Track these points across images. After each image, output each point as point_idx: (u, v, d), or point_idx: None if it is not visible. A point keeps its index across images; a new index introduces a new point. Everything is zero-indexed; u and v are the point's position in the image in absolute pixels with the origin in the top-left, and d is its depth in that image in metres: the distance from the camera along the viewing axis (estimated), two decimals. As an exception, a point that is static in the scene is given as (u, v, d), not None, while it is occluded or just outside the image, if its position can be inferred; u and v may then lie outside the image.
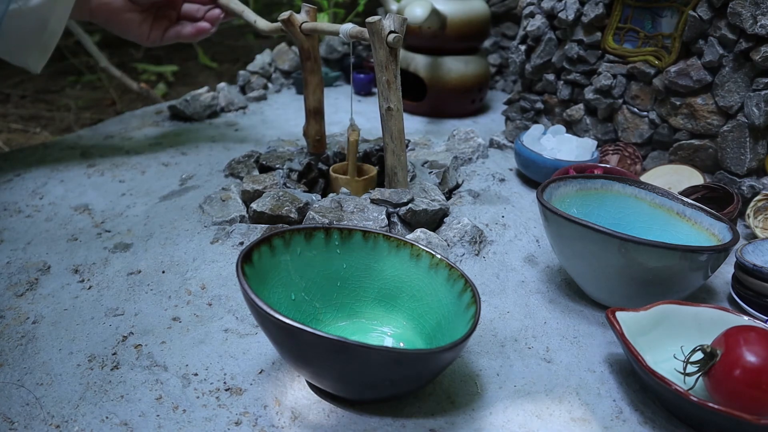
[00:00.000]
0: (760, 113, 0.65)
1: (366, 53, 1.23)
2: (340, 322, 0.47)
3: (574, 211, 0.55)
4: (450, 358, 0.38)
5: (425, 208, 0.60)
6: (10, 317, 0.49)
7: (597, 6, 0.77)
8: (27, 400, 0.40)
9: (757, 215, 0.65)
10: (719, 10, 0.67)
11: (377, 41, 0.59)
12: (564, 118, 0.84)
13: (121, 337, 0.46)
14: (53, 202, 0.68)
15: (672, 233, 0.55)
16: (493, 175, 0.76)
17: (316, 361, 0.37)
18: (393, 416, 0.40)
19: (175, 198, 0.68)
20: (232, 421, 0.39)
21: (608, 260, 0.48)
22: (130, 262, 0.56)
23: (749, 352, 0.38)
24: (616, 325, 0.43)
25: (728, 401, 0.38)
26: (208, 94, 0.99)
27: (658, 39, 0.74)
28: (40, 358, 0.44)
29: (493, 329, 0.50)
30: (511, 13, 1.15)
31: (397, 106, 0.61)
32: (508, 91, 1.19)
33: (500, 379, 0.44)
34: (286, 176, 0.70)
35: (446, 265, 0.45)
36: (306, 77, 0.71)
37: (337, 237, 0.47)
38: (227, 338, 0.47)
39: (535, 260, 0.60)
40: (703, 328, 0.45)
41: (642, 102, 0.76)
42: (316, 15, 0.69)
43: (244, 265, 0.40)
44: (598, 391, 0.43)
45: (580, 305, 0.53)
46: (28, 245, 0.59)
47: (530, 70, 0.86)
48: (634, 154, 0.75)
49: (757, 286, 0.51)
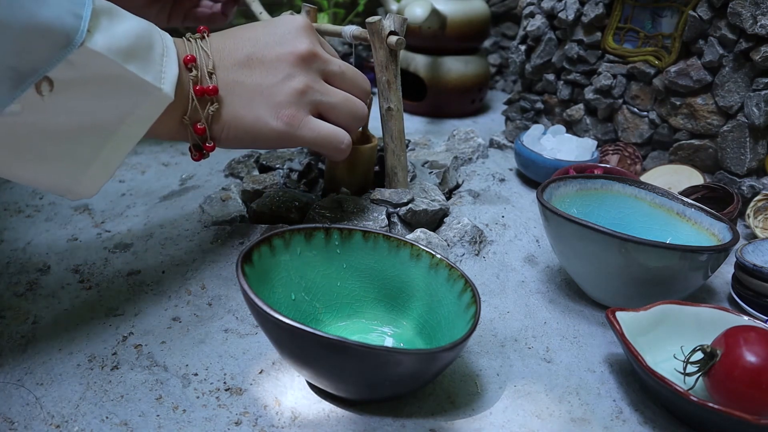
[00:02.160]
0: (760, 113, 0.65)
1: (366, 53, 1.23)
2: (340, 322, 0.47)
3: (574, 211, 0.55)
4: (450, 358, 0.38)
5: (425, 209, 0.60)
6: (10, 317, 0.49)
7: (597, 6, 0.77)
8: (27, 400, 0.40)
9: (757, 215, 0.65)
10: (719, 10, 0.67)
11: (377, 41, 0.59)
12: (564, 118, 0.84)
13: (121, 337, 0.46)
14: (53, 202, 0.68)
15: (672, 233, 0.55)
16: (493, 175, 0.76)
17: (316, 361, 0.37)
18: (393, 416, 0.40)
19: (175, 198, 0.68)
20: (232, 421, 0.39)
21: (608, 260, 0.48)
22: (130, 262, 0.56)
23: (749, 352, 0.38)
24: (616, 325, 0.43)
25: (728, 401, 0.38)
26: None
27: (658, 39, 0.74)
28: (40, 358, 0.44)
29: (493, 329, 0.50)
30: (511, 13, 1.15)
31: (397, 106, 0.61)
32: (508, 91, 1.19)
33: (500, 379, 0.44)
34: (286, 176, 0.70)
35: (446, 265, 0.45)
36: (306, 77, 0.71)
37: (337, 237, 0.47)
38: (227, 338, 0.47)
39: (535, 260, 0.60)
40: (703, 328, 0.45)
41: (642, 102, 0.76)
42: (316, 15, 0.69)
43: (244, 265, 0.40)
44: (598, 391, 0.43)
45: (580, 305, 0.53)
46: (28, 245, 0.59)
47: (530, 70, 0.86)
48: (634, 154, 0.75)
49: (757, 286, 0.51)
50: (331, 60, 0.53)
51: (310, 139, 0.50)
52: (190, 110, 0.46)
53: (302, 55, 0.50)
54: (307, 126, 0.50)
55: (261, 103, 0.48)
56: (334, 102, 0.52)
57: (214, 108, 0.47)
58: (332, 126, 0.52)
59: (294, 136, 0.50)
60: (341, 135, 0.53)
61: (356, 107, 0.54)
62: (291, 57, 0.49)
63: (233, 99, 0.48)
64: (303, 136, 0.50)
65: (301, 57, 0.50)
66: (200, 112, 0.46)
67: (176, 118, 0.46)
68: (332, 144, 0.52)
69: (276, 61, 0.49)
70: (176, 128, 0.47)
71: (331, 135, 0.52)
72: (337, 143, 0.52)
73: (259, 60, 0.49)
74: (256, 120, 0.48)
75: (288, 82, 0.49)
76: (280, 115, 0.49)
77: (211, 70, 0.46)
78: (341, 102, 0.52)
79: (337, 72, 0.53)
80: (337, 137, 0.52)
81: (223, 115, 0.47)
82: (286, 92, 0.49)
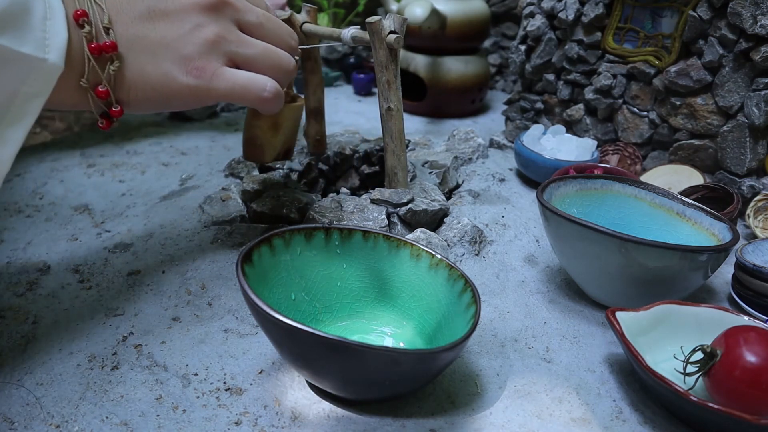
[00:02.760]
0: (760, 113, 0.65)
1: (366, 53, 1.23)
2: (340, 322, 0.47)
3: (574, 211, 0.55)
4: (450, 358, 0.38)
5: (425, 208, 0.60)
6: (10, 317, 0.49)
7: (597, 6, 0.77)
8: (27, 400, 0.40)
9: (757, 215, 0.65)
10: (719, 10, 0.67)
11: (377, 41, 0.59)
12: (564, 118, 0.84)
13: (121, 337, 0.46)
14: (53, 202, 0.68)
15: (672, 233, 0.55)
16: (493, 175, 0.76)
17: (316, 361, 0.37)
18: (393, 416, 0.40)
19: (175, 198, 0.68)
20: (232, 421, 0.39)
21: (608, 260, 0.48)
22: (130, 262, 0.56)
23: (749, 352, 0.38)
24: (616, 325, 0.43)
25: (728, 401, 0.38)
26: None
27: (658, 39, 0.74)
28: (40, 358, 0.44)
29: (493, 329, 0.50)
30: (511, 13, 1.15)
31: (397, 106, 0.61)
32: (508, 91, 1.19)
33: (500, 379, 0.44)
34: (286, 176, 0.70)
35: (446, 265, 0.45)
36: (306, 77, 0.71)
37: (337, 237, 0.47)
38: (227, 338, 0.47)
39: (535, 260, 0.60)
40: (703, 328, 0.45)
41: (642, 102, 0.76)
42: (316, 15, 0.69)
43: (244, 265, 0.40)
44: (598, 391, 0.43)
45: (580, 305, 0.53)
46: (28, 245, 0.59)
47: (530, 70, 0.86)
48: (634, 154, 0.75)
49: (757, 286, 0.51)
50: (249, 8, 0.47)
51: (225, 90, 0.44)
52: (87, 72, 0.40)
53: (211, 3, 0.44)
54: (222, 76, 0.44)
55: (167, 58, 0.43)
56: (252, 54, 0.46)
57: (115, 67, 0.41)
58: (251, 73, 0.46)
59: (207, 89, 0.44)
60: (263, 81, 0.46)
61: (280, 59, 0.48)
62: (198, 5, 0.44)
63: (137, 56, 0.42)
64: (217, 88, 0.44)
65: (210, 5, 0.44)
66: (100, 73, 0.41)
67: (73, 83, 0.40)
68: (253, 92, 0.46)
69: (181, 11, 0.44)
70: (76, 95, 0.41)
71: (251, 82, 0.46)
72: (259, 91, 0.46)
73: (161, 11, 0.43)
74: (164, 76, 0.43)
75: (196, 32, 0.44)
76: (189, 69, 0.43)
77: (108, 25, 0.41)
78: (261, 53, 0.47)
79: (255, 22, 0.47)
80: (258, 84, 0.46)
81: (127, 74, 0.42)
82: (195, 43, 0.44)
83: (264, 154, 0.57)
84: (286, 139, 0.57)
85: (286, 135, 0.57)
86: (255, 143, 0.56)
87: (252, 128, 0.56)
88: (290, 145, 0.58)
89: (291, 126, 0.57)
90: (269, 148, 0.56)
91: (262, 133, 0.55)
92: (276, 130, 0.55)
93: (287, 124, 0.56)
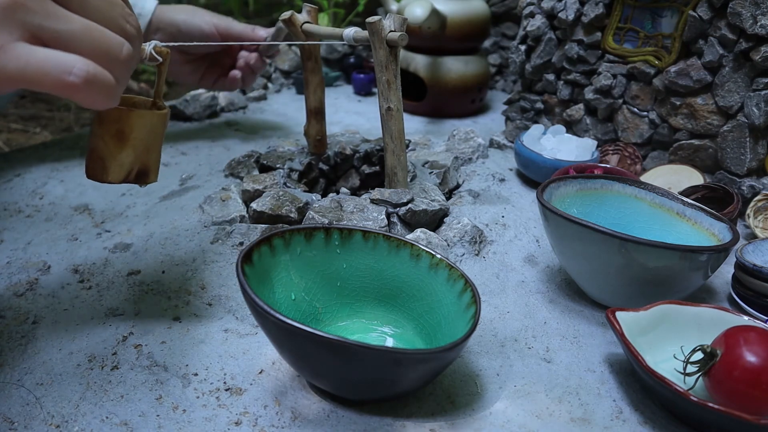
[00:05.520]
0: (760, 113, 0.65)
1: (366, 53, 1.23)
2: (340, 322, 0.47)
3: (574, 211, 0.55)
4: (450, 358, 0.38)
5: (425, 209, 0.60)
6: (10, 317, 0.49)
7: (597, 6, 0.77)
8: (27, 400, 0.40)
9: (757, 215, 0.65)
10: (719, 10, 0.67)
11: (377, 41, 0.59)
12: (564, 118, 0.84)
13: (121, 337, 0.46)
14: (53, 202, 0.68)
15: (672, 233, 0.55)
16: (493, 175, 0.76)
17: (316, 361, 0.37)
18: (393, 416, 0.40)
19: (175, 198, 0.68)
20: (232, 421, 0.39)
21: (608, 260, 0.48)
22: (130, 262, 0.56)
23: (749, 352, 0.38)
24: (616, 325, 0.43)
25: (728, 401, 0.38)
26: (208, 94, 0.99)
27: (658, 39, 0.74)
28: (40, 358, 0.44)
29: (493, 329, 0.50)
30: (511, 13, 1.15)
31: (397, 106, 0.61)
32: (508, 91, 1.19)
33: (500, 379, 0.44)
34: (287, 176, 0.70)
35: (446, 265, 0.45)
36: (307, 77, 0.71)
37: (337, 237, 0.47)
38: (227, 338, 0.47)
39: (535, 260, 0.60)
40: (703, 328, 0.45)
41: (642, 102, 0.76)
42: (317, 15, 0.69)
43: (244, 265, 0.40)
44: (598, 391, 0.43)
45: (580, 305, 0.53)
46: (28, 245, 0.59)
47: (530, 70, 0.86)
48: (634, 154, 0.75)
49: (757, 286, 0.51)
50: None
51: (14, 70, 0.32)
52: None
53: None
54: (11, 53, 0.32)
55: None
56: (66, 30, 0.34)
57: None
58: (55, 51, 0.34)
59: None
60: (69, 61, 0.33)
61: (108, 40, 0.36)
62: None
63: None
64: (3, 68, 0.32)
65: None
66: None
67: None
68: (53, 74, 0.33)
69: None
70: None
71: (51, 61, 0.33)
72: (60, 72, 0.33)
73: None
74: None
75: None
76: None
77: None
78: (80, 31, 0.35)
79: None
80: (60, 64, 0.33)
81: None
82: None
83: (106, 172, 0.42)
84: (137, 155, 0.43)
85: (138, 150, 0.43)
86: (95, 156, 0.42)
87: (93, 137, 0.42)
88: (146, 165, 0.43)
89: (144, 138, 0.43)
90: (113, 164, 0.42)
91: (104, 145, 0.42)
92: (121, 142, 0.42)
93: (138, 135, 0.42)
